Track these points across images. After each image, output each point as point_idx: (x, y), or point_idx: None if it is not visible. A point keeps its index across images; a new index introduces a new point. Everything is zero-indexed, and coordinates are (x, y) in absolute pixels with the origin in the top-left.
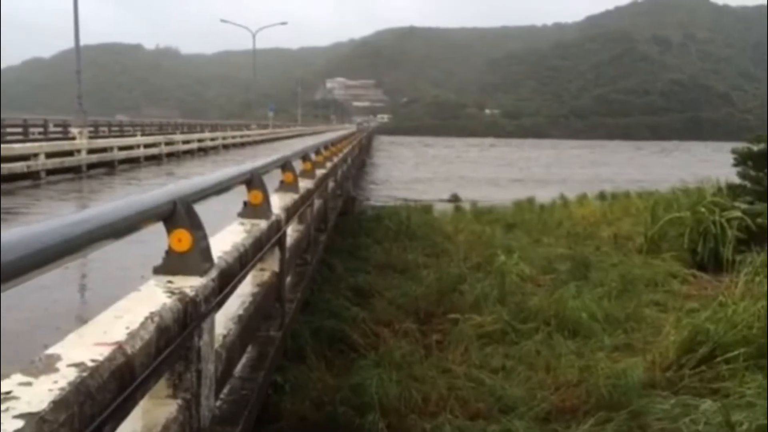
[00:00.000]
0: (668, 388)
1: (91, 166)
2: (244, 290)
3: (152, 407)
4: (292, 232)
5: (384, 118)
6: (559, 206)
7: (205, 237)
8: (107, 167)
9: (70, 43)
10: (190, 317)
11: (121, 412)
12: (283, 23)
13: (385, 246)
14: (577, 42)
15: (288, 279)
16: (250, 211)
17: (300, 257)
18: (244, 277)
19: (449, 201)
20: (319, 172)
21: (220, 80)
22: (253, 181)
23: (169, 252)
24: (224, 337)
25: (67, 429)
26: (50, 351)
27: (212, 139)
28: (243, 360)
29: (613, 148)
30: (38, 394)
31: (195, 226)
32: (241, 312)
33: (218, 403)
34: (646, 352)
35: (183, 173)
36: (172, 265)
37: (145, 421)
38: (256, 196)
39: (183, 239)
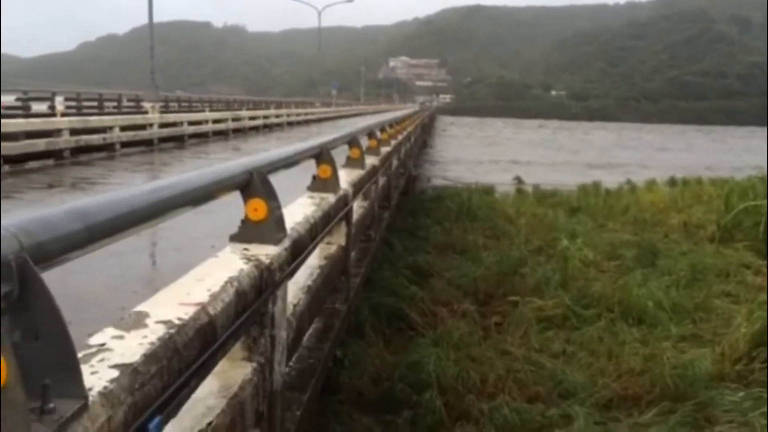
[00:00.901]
0: (737, 381)
1: (162, 139)
2: (312, 262)
3: (229, 368)
4: (357, 207)
5: (446, 98)
6: (626, 191)
7: (279, 207)
8: (177, 141)
9: (142, 20)
10: (265, 284)
11: (204, 370)
12: (349, 0)
13: (445, 226)
14: (650, 21)
15: (352, 254)
16: (319, 184)
17: (364, 233)
18: (314, 248)
19: (511, 183)
20: (384, 149)
21: (284, 58)
22: (322, 155)
23: (246, 221)
24: (294, 306)
25: (157, 381)
26: (138, 308)
27: (277, 116)
28: (310, 330)
29: (685, 132)
30: (130, 347)
31: (270, 196)
32: (309, 283)
33: (287, 369)
34: (715, 343)
35: (249, 149)
36: (247, 233)
37: (222, 381)
38: (325, 171)
39: (259, 208)
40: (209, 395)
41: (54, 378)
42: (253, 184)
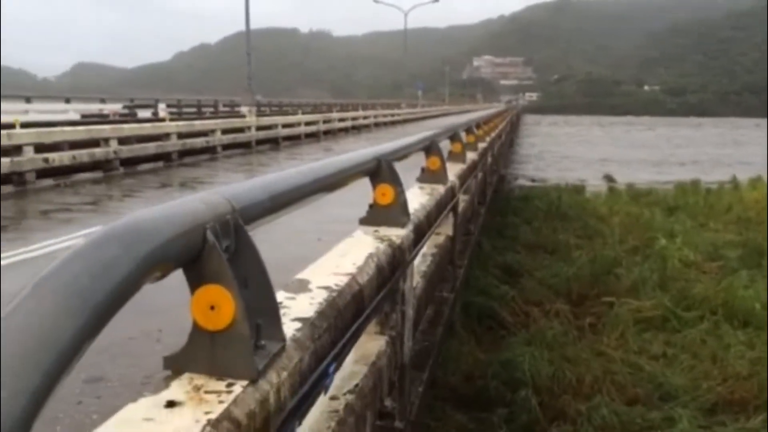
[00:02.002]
0: None
1: (259, 142)
2: (425, 250)
3: (364, 340)
4: (460, 200)
5: (532, 96)
6: (728, 190)
7: (403, 193)
8: (272, 143)
9: (232, 30)
10: (397, 262)
11: (359, 332)
12: (435, 1)
13: (534, 226)
14: (753, 10)
15: (457, 246)
16: (428, 176)
17: (465, 226)
18: (431, 235)
19: (602, 182)
20: (480, 145)
21: (368, 61)
22: (431, 147)
23: (374, 205)
24: (414, 288)
25: (327, 335)
26: (299, 276)
27: (365, 118)
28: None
29: None
30: (302, 306)
31: (396, 182)
32: (424, 269)
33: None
34: None
35: (340, 149)
36: (376, 216)
37: (360, 350)
38: (434, 162)
39: (386, 193)
40: (351, 362)
41: (261, 321)
42: (382, 170)
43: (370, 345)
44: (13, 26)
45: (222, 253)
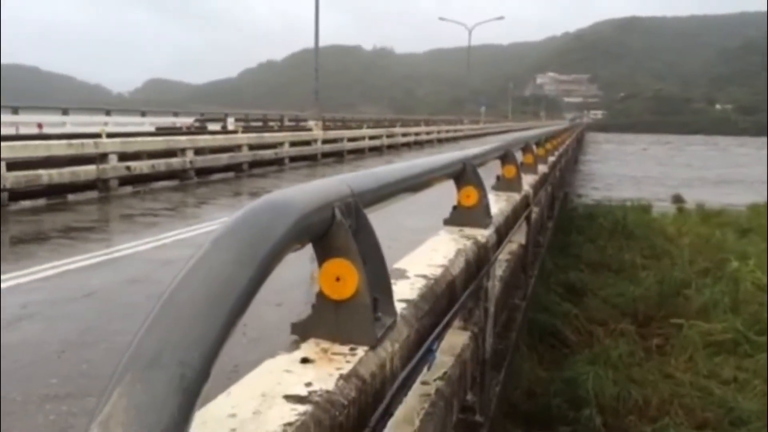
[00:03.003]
0: None
1: (324, 154)
2: (500, 256)
3: (449, 334)
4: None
5: (597, 114)
6: None
7: (486, 196)
8: (337, 156)
9: (298, 47)
10: (482, 260)
11: (452, 319)
12: (500, 18)
13: (598, 244)
14: None
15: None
16: (503, 184)
17: (535, 237)
18: (509, 239)
19: (670, 201)
20: (550, 159)
21: (430, 78)
22: (507, 156)
23: (458, 206)
24: (492, 289)
25: (427, 318)
26: (396, 266)
27: (427, 133)
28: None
29: None
30: (404, 290)
31: (480, 185)
32: (500, 273)
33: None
34: None
35: None
36: (460, 217)
37: (446, 343)
38: (510, 171)
39: (471, 195)
40: (438, 353)
41: (378, 295)
42: (467, 173)
43: (455, 339)
44: (90, 44)
45: (348, 229)
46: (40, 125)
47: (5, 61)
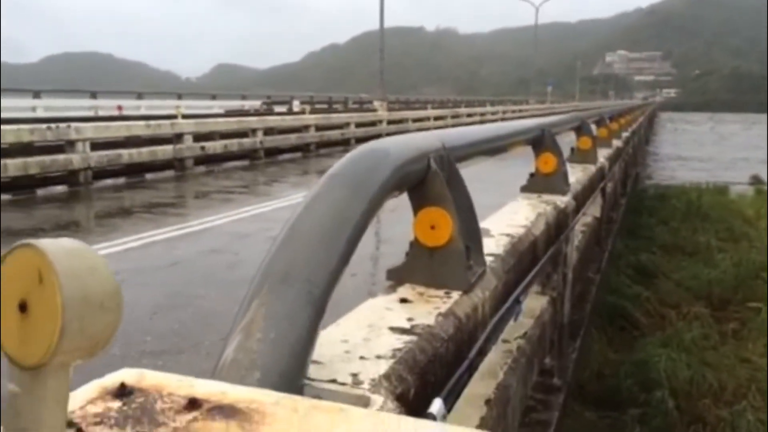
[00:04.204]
0: None
1: (390, 135)
2: (575, 227)
3: (527, 299)
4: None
5: (671, 92)
6: None
7: (564, 163)
8: None
9: (360, 29)
10: (561, 224)
11: (534, 278)
12: None
13: (671, 226)
14: None
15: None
16: (578, 156)
17: (608, 212)
18: (586, 208)
19: (747, 183)
20: (624, 134)
21: (494, 58)
22: (582, 128)
23: (536, 173)
24: (571, 255)
25: (513, 273)
26: (481, 225)
27: (492, 114)
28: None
29: None
30: (490, 246)
31: (558, 151)
32: (577, 243)
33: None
34: None
35: None
36: (537, 184)
37: (524, 307)
38: (585, 142)
39: (549, 162)
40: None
41: (469, 244)
42: (545, 139)
43: (534, 303)
44: (160, 32)
45: (443, 178)
46: (119, 107)
47: (82, 49)
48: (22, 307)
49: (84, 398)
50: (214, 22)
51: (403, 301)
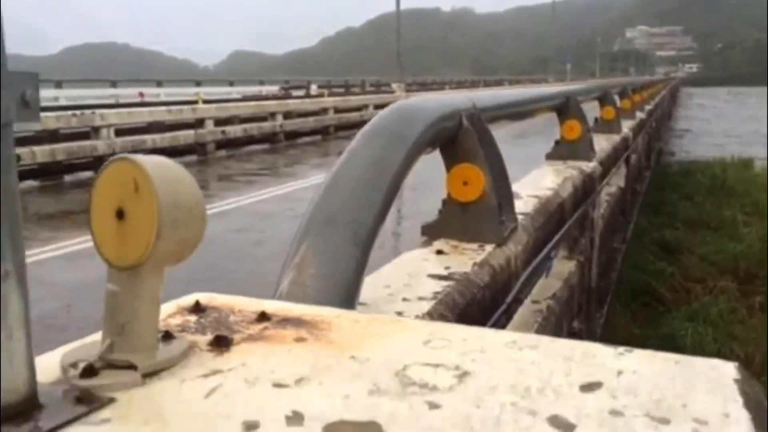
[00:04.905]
0: None
1: None
2: (599, 198)
3: (555, 264)
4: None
5: (692, 67)
6: None
7: (589, 131)
8: None
9: (375, 12)
10: (588, 188)
11: (562, 239)
12: None
13: (696, 201)
14: None
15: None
16: (602, 126)
17: (632, 186)
18: (609, 179)
19: None
20: (647, 107)
21: (511, 37)
22: (605, 98)
23: (561, 140)
24: (597, 219)
25: (542, 231)
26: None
27: None
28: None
29: None
30: (520, 206)
31: (583, 118)
32: (601, 211)
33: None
34: None
35: None
36: (562, 151)
37: (553, 270)
38: (609, 112)
39: (574, 128)
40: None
41: (500, 201)
42: (570, 106)
43: (561, 267)
44: (176, 21)
45: (475, 135)
46: (141, 94)
47: (100, 40)
48: (119, 214)
49: (164, 313)
50: (231, 10)
51: (439, 252)
